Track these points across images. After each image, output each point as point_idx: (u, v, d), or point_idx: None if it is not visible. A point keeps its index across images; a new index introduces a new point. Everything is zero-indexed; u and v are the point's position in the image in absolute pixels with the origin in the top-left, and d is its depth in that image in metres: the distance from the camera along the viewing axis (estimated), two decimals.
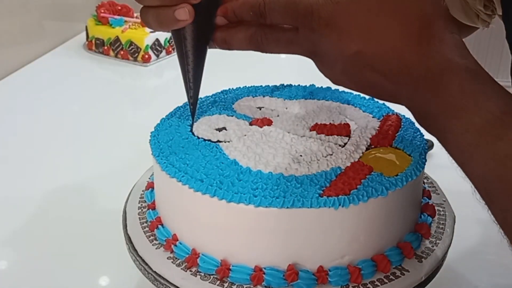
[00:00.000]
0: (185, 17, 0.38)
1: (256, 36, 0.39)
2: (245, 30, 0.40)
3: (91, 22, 1.13)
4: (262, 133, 0.45)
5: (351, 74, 0.36)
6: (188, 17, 0.38)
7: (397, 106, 0.49)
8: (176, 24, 0.39)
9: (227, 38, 0.41)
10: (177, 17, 0.38)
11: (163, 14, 0.38)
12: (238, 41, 0.40)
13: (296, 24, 0.37)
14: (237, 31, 0.40)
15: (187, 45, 0.41)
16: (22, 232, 0.60)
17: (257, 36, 0.39)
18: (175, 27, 0.40)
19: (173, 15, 0.38)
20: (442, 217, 0.45)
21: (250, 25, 0.39)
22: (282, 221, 0.37)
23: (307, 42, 0.37)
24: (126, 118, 0.89)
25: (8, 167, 0.73)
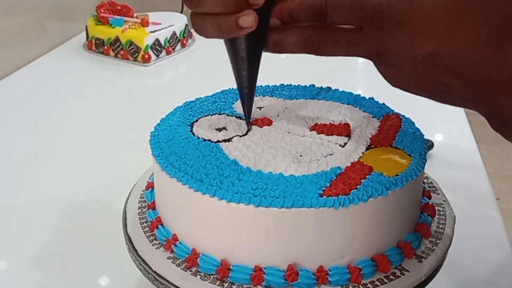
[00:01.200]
0: (251, 24, 0.36)
1: (312, 38, 0.37)
2: (300, 32, 0.37)
3: (91, 22, 1.13)
4: (262, 133, 0.45)
5: (420, 76, 0.33)
6: (254, 24, 0.36)
7: (397, 106, 0.49)
8: (239, 32, 0.36)
9: (279, 41, 0.38)
10: (241, 25, 0.36)
11: (225, 22, 0.36)
12: (292, 44, 0.38)
13: (362, 24, 0.35)
14: (291, 33, 0.38)
15: (243, 51, 0.39)
16: (22, 232, 0.60)
17: (313, 39, 0.37)
18: (238, 35, 0.37)
19: (236, 22, 0.36)
20: (442, 217, 0.45)
21: (304, 27, 0.37)
22: (282, 221, 0.37)
23: (372, 42, 0.34)
24: (126, 118, 0.89)
25: (8, 167, 0.73)
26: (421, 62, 0.33)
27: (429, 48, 0.32)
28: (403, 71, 0.34)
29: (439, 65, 0.32)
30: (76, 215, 0.62)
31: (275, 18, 0.38)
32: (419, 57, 0.32)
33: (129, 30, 1.08)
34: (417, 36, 0.32)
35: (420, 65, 0.33)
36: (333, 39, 0.36)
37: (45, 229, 0.60)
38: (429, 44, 0.32)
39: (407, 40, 0.33)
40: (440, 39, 0.32)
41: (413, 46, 0.32)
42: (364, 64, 1.13)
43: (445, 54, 0.32)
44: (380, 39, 0.34)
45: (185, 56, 1.14)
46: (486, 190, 0.67)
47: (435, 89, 0.34)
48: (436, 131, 0.79)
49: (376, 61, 0.36)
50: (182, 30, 1.14)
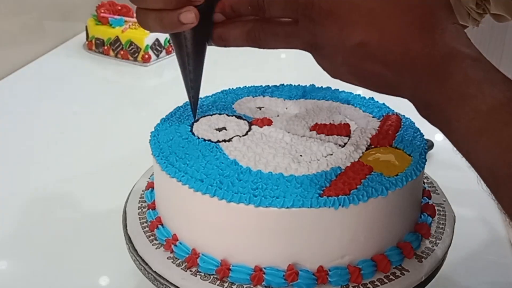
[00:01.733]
0: (191, 20, 0.37)
1: (253, 31, 0.38)
2: (242, 26, 0.39)
3: (91, 22, 1.13)
4: (262, 133, 0.45)
5: (352, 65, 0.35)
6: (195, 20, 0.37)
7: (397, 106, 0.50)
8: (181, 27, 0.38)
9: (223, 35, 0.40)
10: (182, 21, 0.37)
11: (167, 17, 0.37)
12: (235, 37, 0.39)
13: (296, 16, 0.36)
14: (234, 27, 0.39)
15: (188, 46, 0.41)
16: (22, 232, 0.60)
17: (255, 32, 0.38)
18: (179, 30, 0.39)
19: (177, 18, 0.37)
20: (442, 217, 0.45)
21: (247, 21, 0.39)
22: (282, 221, 0.37)
23: (307, 34, 0.36)
24: (126, 118, 0.89)
25: (8, 167, 0.73)
26: (351, 52, 0.34)
27: (358, 38, 0.33)
28: (337, 61, 0.36)
29: (367, 54, 0.34)
30: (76, 215, 0.62)
31: (219, 13, 0.40)
32: (349, 47, 0.34)
33: (129, 30, 1.08)
34: (346, 27, 0.34)
35: (351, 55, 0.34)
36: (273, 32, 0.38)
37: (45, 229, 0.60)
38: (357, 34, 0.33)
39: (337, 31, 0.34)
40: (367, 29, 0.33)
41: (343, 37, 0.34)
42: None
43: (372, 44, 0.33)
44: (313, 31, 0.35)
45: None
46: (486, 190, 0.66)
47: (366, 78, 0.36)
48: (436, 131, 0.79)
49: (313, 53, 0.37)
50: None
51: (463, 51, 0.32)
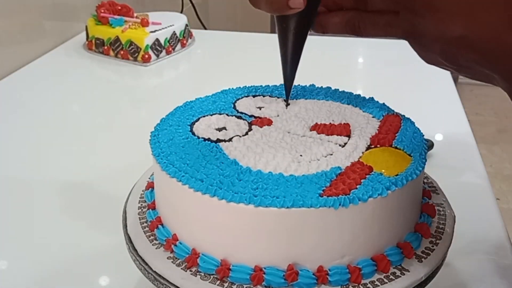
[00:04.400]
0: (299, 5, 0.40)
1: (353, 20, 0.41)
2: (342, 14, 0.42)
3: (91, 22, 1.13)
4: (262, 133, 0.45)
5: (449, 54, 0.37)
6: (302, 6, 0.40)
7: (397, 106, 0.50)
8: (288, 11, 0.40)
9: (323, 22, 0.42)
10: (290, 5, 0.40)
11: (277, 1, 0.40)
12: (334, 25, 0.42)
13: (397, 8, 0.38)
14: (334, 15, 0.42)
15: (291, 30, 0.43)
16: (22, 231, 0.60)
17: (355, 20, 0.41)
18: (286, 13, 0.41)
19: (286, 2, 0.40)
20: (442, 217, 0.45)
21: (347, 10, 0.41)
22: (282, 221, 0.37)
23: (407, 24, 0.38)
24: (126, 118, 0.89)
25: (8, 167, 0.73)
26: (450, 42, 0.36)
27: (458, 30, 0.35)
28: (434, 50, 0.37)
29: (466, 45, 0.35)
30: (76, 215, 0.62)
31: (321, 7, 0.42)
32: (449, 38, 0.36)
33: (129, 30, 1.08)
34: (446, 20, 0.35)
35: (449, 45, 0.36)
36: (372, 21, 0.41)
37: (45, 229, 0.60)
38: (457, 27, 0.35)
39: (437, 22, 0.36)
40: (466, 23, 0.35)
41: (443, 29, 0.36)
42: (364, 64, 1.13)
43: (471, 36, 0.35)
44: (414, 21, 0.37)
45: (185, 56, 1.14)
46: (486, 190, 0.67)
47: (463, 66, 0.37)
48: (436, 131, 0.80)
49: (411, 41, 0.39)
50: (182, 30, 1.14)
51: None
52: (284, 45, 0.45)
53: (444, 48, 0.37)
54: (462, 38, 0.35)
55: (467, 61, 0.36)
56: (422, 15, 0.37)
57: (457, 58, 0.37)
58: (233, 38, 1.28)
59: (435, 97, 0.92)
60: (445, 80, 0.96)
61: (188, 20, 1.18)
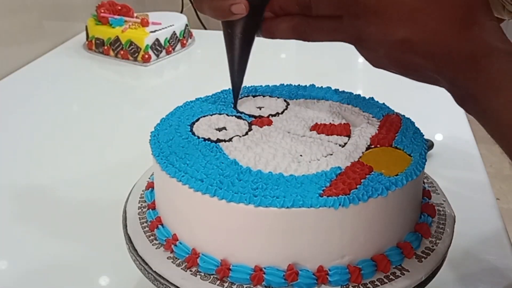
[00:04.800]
0: (241, 11, 0.41)
1: (299, 25, 0.41)
2: (289, 20, 0.42)
3: (91, 22, 1.13)
4: (262, 133, 0.45)
5: (394, 57, 0.37)
6: (244, 12, 0.41)
7: (397, 106, 0.50)
8: (231, 16, 0.41)
9: (271, 28, 0.43)
10: (233, 11, 0.41)
11: (219, 5, 0.41)
12: (282, 30, 0.42)
13: (341, 13, 0.38)
14: (281, 21, 0.42)
15: (237, 35, 0.44)
16: (22, 231, 0.60)
17: (301, 26, 0.41)
18: (229, 19, 0.42)
19: (229, 8, 0.41)
20: (442, 217, 0.45)
21: (294, 16, 0.41)
22: (282, 221, 0.37)
23: (352, 29, 0.38)
24: (126, 118, 0.89)
25: (8, 167, 0.73)
26: (394, 46, 0.36)
27: (401, 34, 0.36)
28: (379, 53, 0.38)
29: (410, 49, 0.36)
30: (76, 215, 0.62)
31: (268, 12, 0.42)
32: (392, 41, 0.36)
33: (129, 30, 1.08)
34: (390, 23, 0.36)
35: (394, 49, 0.37)
36: (318, 26, 0.40)
37: (45, 229, 0.60)
38: (401, 30, 0.36)
39: (381, 27, 0.36)
40: (409, 26, 0.35)
41: (387, 32, 0.36)
42: (364, 64, 1.13)
43: (415, 39, 0.35)
44: (358, 26, 0.38)
45: (185, 56, 1.14)
46: (486, 190, 0.67)
47: (407, 68, 0.38)
48: (436, 131, 0.79)
49: (357, 45, 0.40)
50: (182, 30, 1.14)
51: (500, 46, 0.34)
52: (230, 50, 0.45)
53: (388, 51, 0.37)
54: (405, 41, 0.35)
55: (412, 64, 0.37)
56: (365, 19, 0.37)
57: (402, 62, 0.37)
58: None
59: (435, 97, 0.92)
60: None
61: (188, 20, 1.18)
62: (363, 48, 0.39)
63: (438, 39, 0.35)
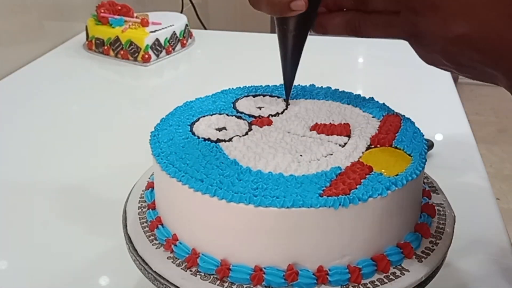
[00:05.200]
0: (300, 8, 0.40)
1: (353, 20, 0.41)
2: (343, 15, 0.42)
3: (91, 22, 1.13)
4: (262, 133, 0.45)
5: (451, 54, 0.37)
6: (304, 8, 0.40)
7: (397, 106, 0.50)
8: (289, 13, 0.41)
9: (324, 23, 0.43)
10: (292, 7, 0.40)
11: (278, 1, 0.40)
12: (335, 25, 0.42)
13: (398, 8, 0.38)
14: (335, 16, 0.42)
15: (291, 31, 0.43)
16: (22, 231, 0.60)
17: (355, 21, 0.41)
18: (287, 15, 0.42)
19: (288, 4, 0.40)
20: (442, 217, 0.45)
21: (347, 11, 0.42)
22: (282, 221, 0.37)
23: (408, 24, 0.38)
24: (126, 118, 0.89)
25: (7, 167, 0.73)
26: (451, 42, 0.36)
27: (459, 29, 0.35)
28: (436, 50, 0.38)
29: (468, 44, 0.36)
30: (76, 215, 0.62)
31: (322, 7, 0.42)
32: (450, 37, 0.36)
33: (129, 30, 1.08)
34: (448, 19, 0.36)
35: (451, 45, 0.36)
36: (373, 22, 0.40)
37: (45, 229, 0.60)
38: (459, 26, 0.35)
39: (439, 22, 0.36)
40: (468, 21, 0.35)
41: (445, 28, 0.36)
42: (364, 64, 1.13)
43: (473, 34, 0.35)
44: (415, 21, 0.37)
45: (185, 56, 1.14)
46: (486, 190, 0.67)
47: (463, 65, 0.37)
48: (436, 131, 0.80)
49: (411, 41, 0.39)
50: (182, 30, 1.14)
51: None
52: (284, 46, 0.45)
53: (445, 47, 0.37)
54: (464, 37, 0.35)
55: (469, 61, 0.36)
56: (423, 14, 0.37)
57: (459, 57, 0.37)
58: (233, 38, 1.28)
59: (435, 97, 0.92)
60: (445, 80, 0.96)
61: (188, 20, 1.18)
62: (418, 44, 0.39)
63: (496, 33, 0.34)
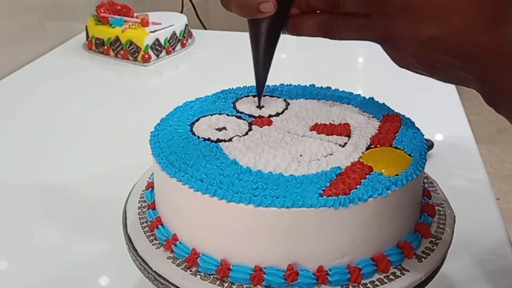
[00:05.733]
0: (269, 10, 0.40)
1: (326, 23, 0.41)
2: (316, 17, 0.41)
3: (91, 22, 1.13)
4: (262, 133, 0.45)
5: (423, 57, 0.37)
6: (273, 10, 0.40)
7: (397, 106, 0.50)
8: (259, 15, 0.41)
9: (297, 24, 0.42)
10: (261, 9, 0.40)
11: (247, 3, 0.41)
12: (308, 27, 0.42)
13: (370, 10, 0.38)
14: (308, 18, 0.42)
15: (263, 33, 0.43)
16: (22, 231, 0.60)
17: (328, 23, 0.41)
18: (257, 17, 0.42)
19: (257, 6, 0.40)
20: (442, 217, 0.45)
21: (321, 13, 0.41)
22: (282, 221, 0.37)
23: (380, 27, 0.38)
24: (126, 118, 0.89)
25: (7, 167, 0.73)
26: (423, 44, 0.36)
27: (431, 32, 0.35)
28: (407, 53, 0.37)
29: (440, 47, 0.35)
30: (76, 215, 0.62)
31: (295, 8, 0.42)
32: (421, 40, 0.36)
33: (129, 30, 1.08)
34: (419, 21, 0.35)
35: (423, 48, 0.36)
36: (345, 24, 0.40)
37: (45, 229, 0.60)
38: (431, 28, 0.35)
39: (410, 25, 0.36)
40: (440, 24, 0.35)
41: (416, 31, 0.36)
42: (364, 64, 1.13)
43: (445, 37, 0.35)
44: (386, 25, 0.37)
45: (185, 56, 1.14)
46: (486, 190, 0.67)
47: (436, 68, 0.37)
48: (436, 131, 0.80)
49: (384, 44, 0.39)
50: (182, 30, 1.14)
51: None
52: (256, 47, 0.45)
53: (417, 51, 0.36)
54: (435, 40, 0.35)
55: (441, 64, 0.36)
56: (394, 17, 0.36)
57: (431, 61, 0.36)
58: (233, 38, 1.28)
59: (435, 97, 0.92)
60: None
61: (188, 20, 1.18)
62: (390, 47, 0.39)
63: (469, 36, 0.34)
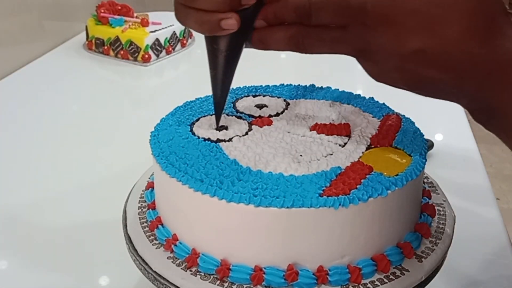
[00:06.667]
0: (232, 27, 0.37)
1: (297, 36, 0.37)
2: (285, 30, 0.37)
3: (91, 22, 1.13)
4: (262, 133, 0.45)
5: (406, 71, 0.34)
6: (236, 27, 0.37)
7: (397, 106, 0.49)
8: (220, 32, 0.37)
9: (264, 38, 0.38)
10: (223, 26, 0.37)
11: (208, 20, 0.37)
12: (276, 41, 0.38)
13: (347, 22, 0.35)
14: (276, 31, 0.38)
15: (222, 51, 0.40)
16: (23, 231, 0.60)
17: (298, 36, 0.37)
18: (218, 34, 0.38)
19: (218, 23, 0.36)
20: (442, 217, 0.45)
21: (290, 25, 0.37)
22: (282, 221, 0.37)
23: (357, 40, 0.35)
24: (126, 118, 0.89)
25: (7, 167, 0.73)
26: (407, 58, 0.33)
27: (416, 44, 0.32)
28: (388, 66, 0.34)
29: (426, 60, 0.33)
30: (76, 215, 0.62)
31: (261, 20, 0.38)
32: (406, 53, 0.33)
33: (129, 30, 1.08)
34: (403, 33, 0.32)
35: (407, 61, 0.33)
36: (318, 37, 0.36)
37: (45, 229, 0.60)
38: (415, 40, 0.32)
39: (392, 36, 0.33)
40: (426, 35, 0.32)
41: (399, 43, 0.33)
42: None
43: (432, 50, 0.32)
44: (365, 37, 0.34)
45: (185, 56, 1.14)
46: (486, 190, 0.67)
47: (420, 83, 0.35)
48: (436, 131, 0.80)
49: (361, 58, 0.36)
50: (182, 30, 1.14)
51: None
52: (214, 67, 0.41)
53: (400, 64, 0.34)
54: (421, 52, 0.32)
55: (425, 78, 0.34)
56: (374, 28, 0.33)
57: (416, 75, 0.34)
58: None
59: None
60: None
61: None
62: (368, 60, 0.36)
63: (459, 49, 0.32)
